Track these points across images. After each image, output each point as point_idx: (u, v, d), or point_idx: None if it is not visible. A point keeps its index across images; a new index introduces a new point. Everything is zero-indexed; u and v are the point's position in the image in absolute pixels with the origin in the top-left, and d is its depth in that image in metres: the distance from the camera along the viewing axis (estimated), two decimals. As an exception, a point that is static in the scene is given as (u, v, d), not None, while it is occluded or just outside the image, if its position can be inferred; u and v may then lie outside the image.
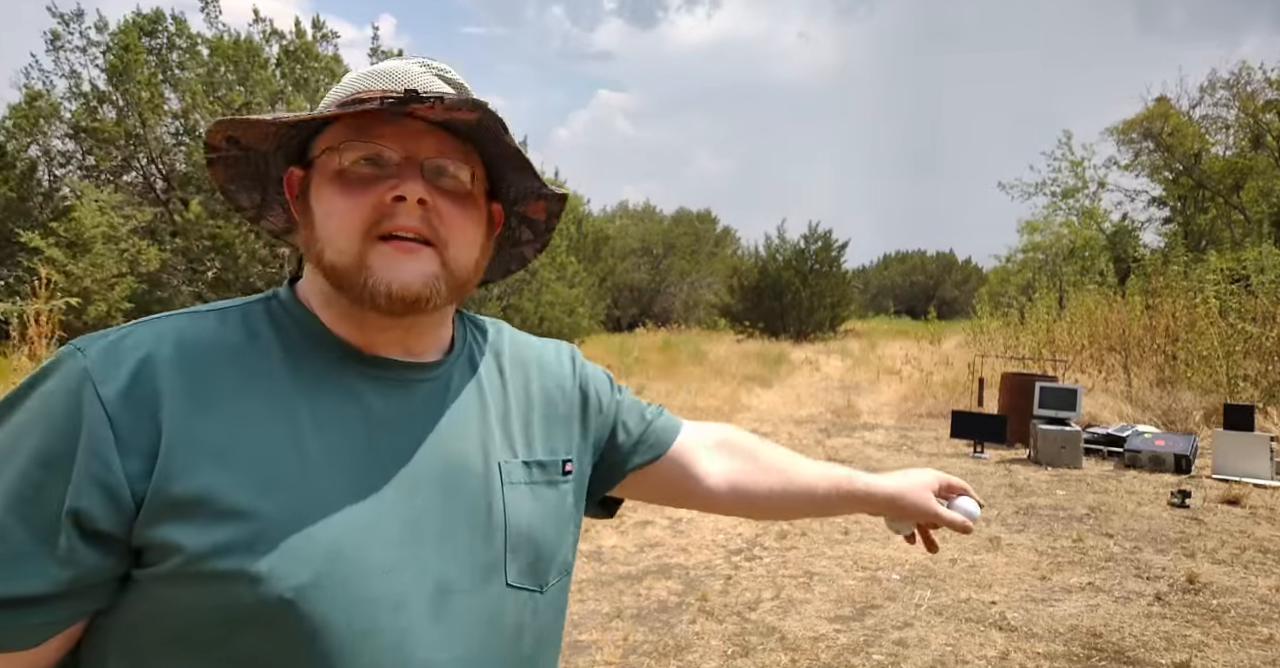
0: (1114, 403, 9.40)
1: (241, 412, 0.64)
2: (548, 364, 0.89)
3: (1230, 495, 5.70)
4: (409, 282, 0.68)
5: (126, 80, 15.36)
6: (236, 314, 0.72)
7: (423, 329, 0.77)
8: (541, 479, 0.80)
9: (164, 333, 0.67)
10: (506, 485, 0.76)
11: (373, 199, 0.68)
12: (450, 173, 0.72)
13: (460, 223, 0.72)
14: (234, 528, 0.59)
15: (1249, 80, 20.05)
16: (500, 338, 0.88)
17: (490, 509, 0.73)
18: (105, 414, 0.59)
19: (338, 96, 0.74)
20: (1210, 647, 3.33)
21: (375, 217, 0.68)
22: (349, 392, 0.70)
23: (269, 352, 0.69)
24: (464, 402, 0.77)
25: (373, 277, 0.68)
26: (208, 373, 0.65)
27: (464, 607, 0.69)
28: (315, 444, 0.66)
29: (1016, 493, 5.98)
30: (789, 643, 3.39)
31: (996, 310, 18.01)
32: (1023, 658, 3.24)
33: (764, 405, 10.97)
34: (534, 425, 0.83)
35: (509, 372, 0.84)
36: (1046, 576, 4.20)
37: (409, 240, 0.69)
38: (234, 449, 0.62)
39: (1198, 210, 21.55)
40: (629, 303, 31.70)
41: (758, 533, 4.99)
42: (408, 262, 0.69)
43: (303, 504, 0.63)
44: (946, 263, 53.45)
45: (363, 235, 0.68)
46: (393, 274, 0.68)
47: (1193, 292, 11.68)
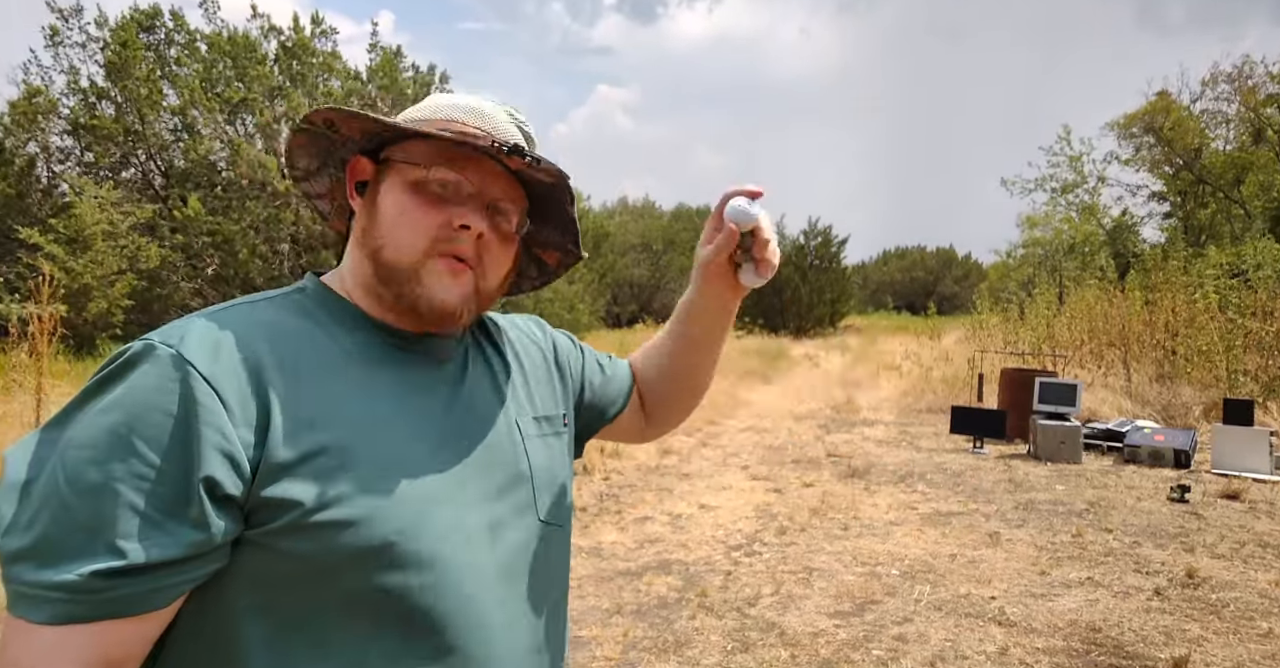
0: (1114, 398, 9.40)
1: (324, 383, 0.73)
2: (527, 332, 1.02)
3: (1230, 490, 5.70)
4: (449, 300, 0.79)
5: (125, 76, 15.33)
6: (284, 301, 0.80)
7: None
8: (550, 432, 0.93)
9: (238, 319, 0.74)
10: (526, 439, 0.88)
11: (442, 219, 0.79)
12: (506, 216, 0.83)
13: (500, 258, 0.84)
14: (339, 483, 0.68)
15: (1250, 74, 20.02)
16: (490, 315, 1.00)
17: (518, 459, 0.85)
18: (213, 390, 0.66)
19: (429, 118, 0.85)
20: (1209, 641, 3.34)
21: (440, 235, 0.78)
22: (397, 364, 0.80)
23: (327, 332, 0.78)
24: (484, 371, 0.90)
25: (422, 287, 0.78)
26: (290, 350, 0.73)
27: (511, 540, 0.81)
28: (385, 408, 0.75)
29: (1016, 488, 5.99)
30: (789, 639, 3.40)
31: (996, 306, 17.99)
32: (1022, 653, 3.25)
33: (764, 401, 10.98)
34: (531, 386, 0.95)
35: (503, 342, 0.96)
36: (1046, 571, 4.20)
37: (459, 262, 0.80)
38: (327, 415, 0.71)
39: (1198, 205, 21.52)
40: (628, 299, 31.69)
41: (757, 529, 5.00)
42: (453, 282, 0.80)
43: (390, 459, 0.72)
44: (946, 258, 53.40)
45: (426, 247, 0.78)
46: (440, 292, 0.79)
47: (1192, 287, 11.67)
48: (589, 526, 5.07)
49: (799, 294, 25.31)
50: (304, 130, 0.85)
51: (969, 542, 4.71)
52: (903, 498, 5.74)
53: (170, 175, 16.70)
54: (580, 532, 4.92)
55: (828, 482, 6.25)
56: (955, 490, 5.95)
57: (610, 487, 6.07)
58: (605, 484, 6.14)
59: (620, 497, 5.78)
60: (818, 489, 6.00)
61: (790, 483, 6.23)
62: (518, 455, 0.85)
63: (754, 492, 5.97)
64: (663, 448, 7.47)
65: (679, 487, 6.10)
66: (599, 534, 4.89)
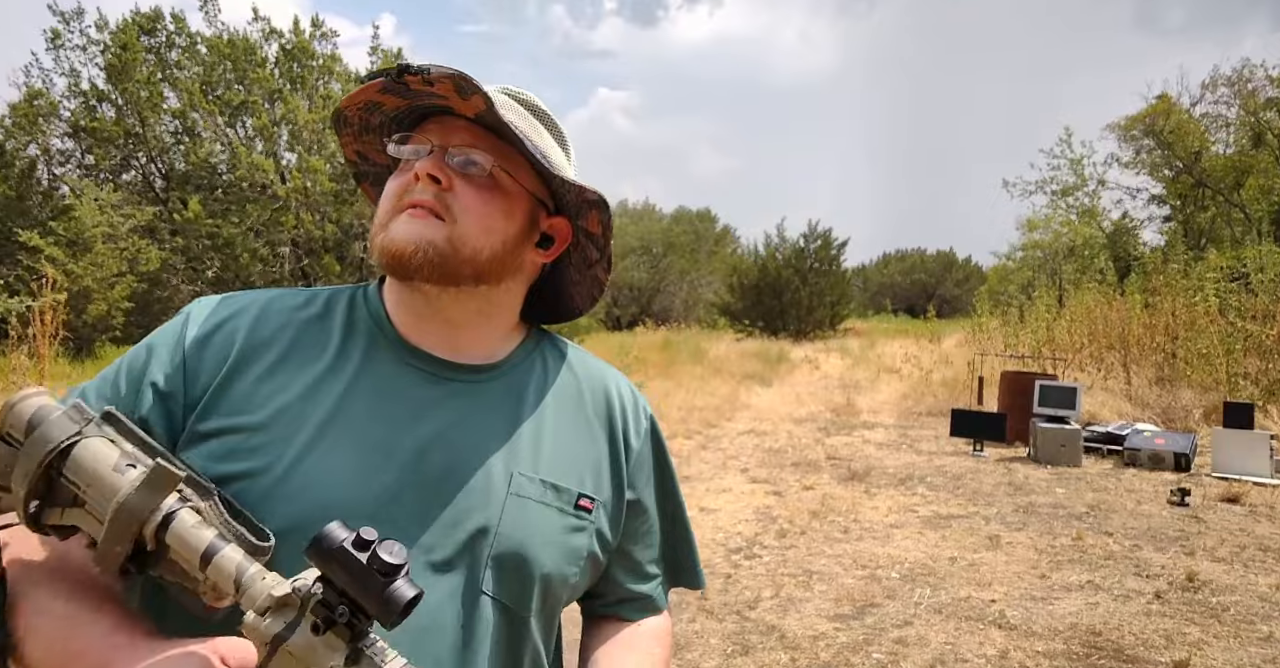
0: (1114, 401, 9.40)
1: (292, 374, 0.74)
2: (618, 414, 0.89)
3: (1230, 493, 5.70)
4: (404, 239, 0.74)
5: (126, 79, 15.35)
6: (324, 296, 0.83)
7: (465, 323, 0.81)
8: (552, 502, 0.79)
9: (254, 301, 0.80)
10: (511, 496, 0.76)
11: (405, 180, 0.77)
12: (473, 159, 0.77)
13: (476, 205, 0.76)
14: (237, 463, 0.69)
15: (1250, 78, 20.04)
16: (574, 359, 0.91)
17: (487, 508, 0.74)
18: (184, 349, 0.74)
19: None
20: (1210, 645, 3.33)
21: (401, 192, 0.77)
22: (387, 377, 0.77)
23: (330, 332, 0.79)
24: (500, 408, 0.81)
25: (385, 235, 0.76)
26: (272, 338, 0.76)
27: (436, 591, 0.70)
28: (339, 414, 0.73)
29: (1016, 491, 5.98)
30: (789, 642, 3.40)
31: (996, 309, 18.00)
32: (1022, 657, 3.24)
33: (763, 404, 10.98)
34: (570, 455, 0.82)
35: (561, 392, 0.86)
36: (1046, 574, 4.20)
37: (417, 209, 0.76)
38: (269, 401, 0.72)
39: (1198, 208, 21.53)
40: (629, 302, 31.70)
41: (757, 532, 5.00)
42: (410, 224, 0.75)
43: (301, 463, 0.70)
44: (946, 261, 53.41)
45: (391, 209, 0.77)
46: (396, 232, 0.75)
47: (1192, 290, 11.67)
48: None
49: (799, 297, 25.30)
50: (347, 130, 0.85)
51: (969, 545, 4.70)
52: (903, 501, 5.74)
53: (170, 178, 16.71)
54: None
55: (828, 485, 6.25)
56: (955, 493, 5.94)
57: (610, 490, 6.06)
58: (605, 487, 6.13)
59: (620, 500, 5.77)
60: (818, 492, 6.00)
61: (790, 486, 6.22)
62: (489, 504, 0.74)
63: (754, 495, 5.96)
64: (662, 451, 7.45)
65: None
66: (599, 537, 4.88)
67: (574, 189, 0.81)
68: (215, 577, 0.56)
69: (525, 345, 0.87)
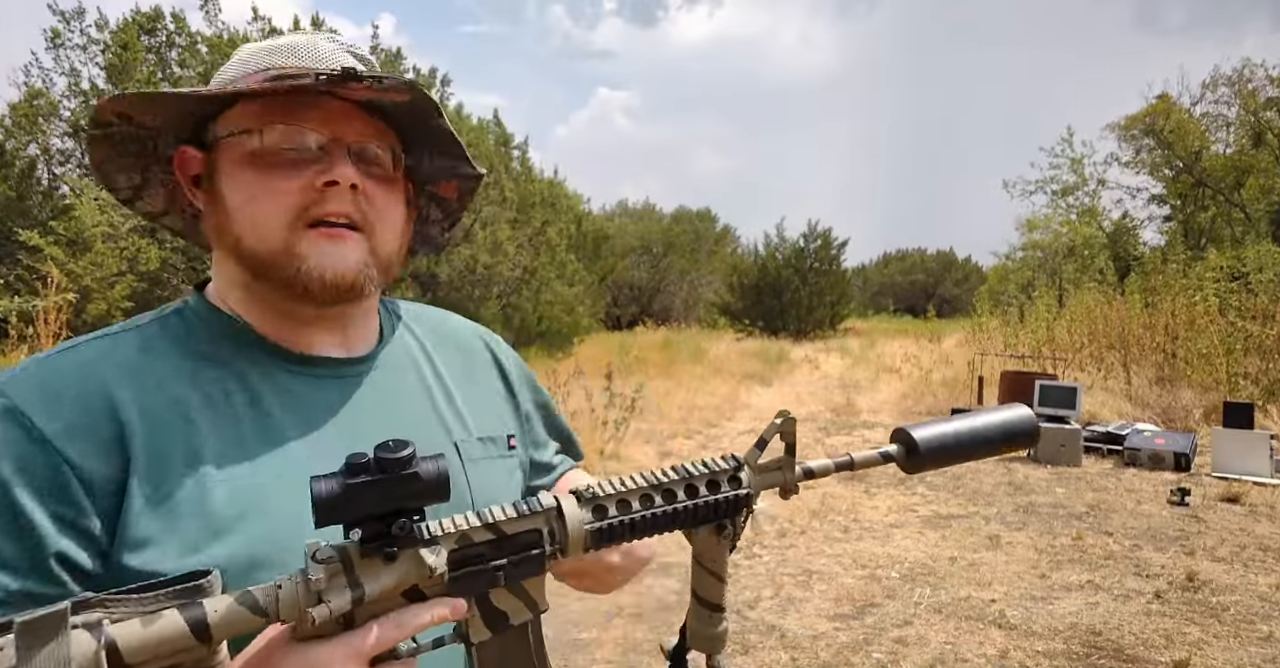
0: (1113, 401, 9.40)
1: (201, 433, 0.64)
2: (464, 341, 0.89)
3: (1230, 493, 5.69)
4: (343, 270, 0.68)
5: (126, 79, 15.35)
6: (158, 329, 0.70)
7: (356, 320, 0.77)
8: (495, 454, 0.81)
9: (94, 360, 0.64)
10: (468, 463, 0.77)
11: (301, 183, 0.67)
12: (375, 156, 0.71)
13: (386, 207, 0.72)
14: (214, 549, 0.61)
15: (1251, 78, 20.04)
16: (418, 318, 0.87)
17: (456, 489, 0.70)
18: (56, 451, 0.59)
19: (243, 72, 0.70)
20: (1210, 645, 3.33)
21: (304, 202, 0.67)
22: (295, 392, 0.70)
23: (207, 364, 0.68)
24: (409, 388, 0.78)
25: (305, 264, 0.67)
26: (158, 397, 0.64)
27: None
28: (281, 453, 0.66)
29: (1016, 491, 5.98)
30: (789, 641, 3.40)
31: (996, 309, 18.00)
32: (1022, 656, 3.24)
33: (763, 404, 10.98)
34: (474, 402, 0.83)
35: (434, 351, 0.84)
36: (1046, 574, 4.20)
37: (339, 226, 0.68)
38: (203, 473, 0.63)
39: (1198, 208, 21.52)
40: (629, 301, 31.69)
41: (757, 532, 5.00)
42: (339, 249, 0.68)
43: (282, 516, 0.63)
44: (946, 261, 53.39)
45: (290, 222, 0.67)
46: (327, 262, 0.67)
47: (1192, 290, 11.67)
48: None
49: (799, 296, 25.29)
50: (100, 137, 0.70)
51: (969, 545, 4.70)
52: (903, 501, 5.74)
53: (171, 177, 16.73)
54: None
55: (827, 484, 6.25)
56: (955, 493, 5.94)
57: (610, 489, 6.06)
58: (605, 487, 6.14)
59: (620, 499, 5.78)
60: (817, 492, 6.00)
61: (790, 486, 6.22)
62: (457, 484, 0.72)
63: (754, 494, 5.96)
64: (662, 450, 7.46)
65: (679, 489, 6.09)
66: (599, 537, 4.89)
67: (461, 166, 0.80)
68: (228, 632, 0.50)
69: (385, 319, 0.83)
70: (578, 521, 0.59)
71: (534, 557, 0.58)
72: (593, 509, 0.60)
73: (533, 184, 16.91)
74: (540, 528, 0.58)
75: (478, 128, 16.59)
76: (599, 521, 0.59)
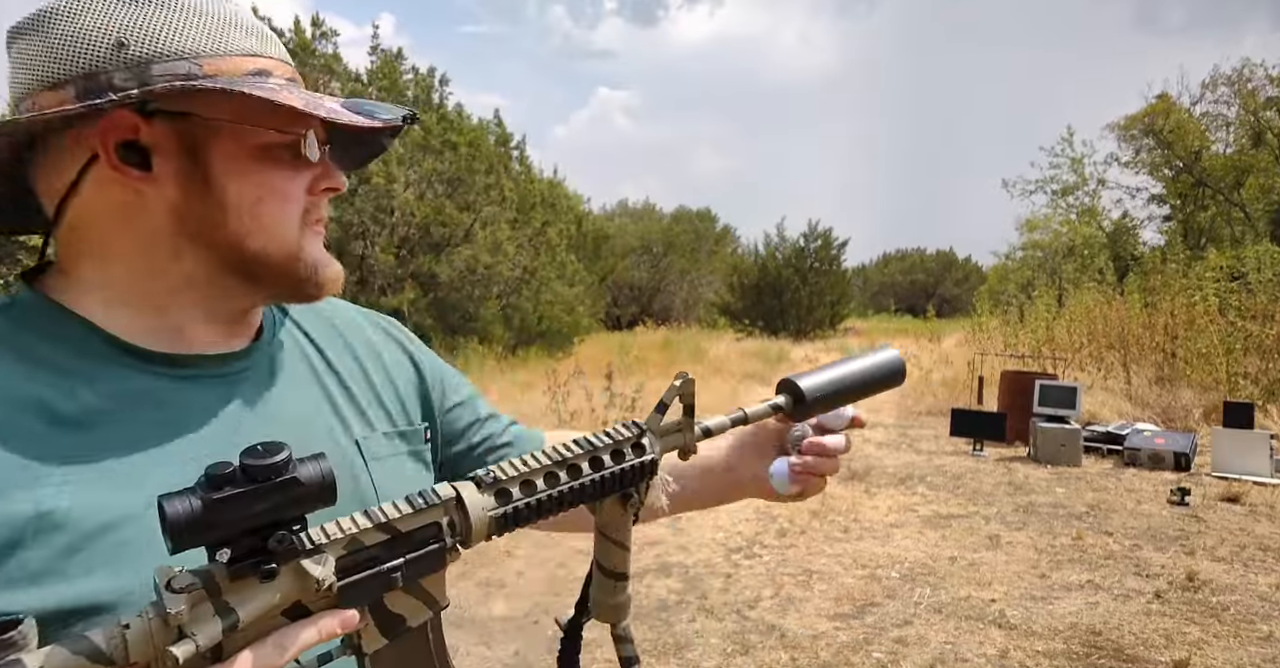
0: (1113, 401, 9.40)
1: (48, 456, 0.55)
2: (361, 331, 0.83)
3: (1230, 493, 5.70)
4: (336, 270, 0.70)
5: (126, 78, 15.33)
6: None
7: (250, 317, 0.72)
8: (404, 449, 0.77)
9: None
10: (371, 461, 0.72)
11: (303, 186, 0.67)
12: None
13: None
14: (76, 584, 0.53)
15: (1250, 77, 20.05)
16: (304, 310, 0.80)
17: (358, 490, 0.69)
18: None
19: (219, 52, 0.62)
20: (1210, 644, 3.34)
21: (307, 206, 0.67)
22: (159, 402, 0.62)
23: (50, 374, 0.59)
24: (298, 383, 0.72)
25: (307, 266, 0.67)
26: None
27: None
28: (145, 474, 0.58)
29: (1016, 491, 5.98)
30: (789, 641, 3.40)
31: (996, 309, 18.01)
32: (1022, 656, 3.24)
33: (764, 404, 10.97)
34: (376, 395, 0.78)
35: (326, 343, 0.78)
36: (1046, 574, 4.20)
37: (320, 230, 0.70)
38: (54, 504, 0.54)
39: (1198, 208, 21.54)
40: (629, 301, 31.69)
41: (757, 532, 5.00)
42: (326, 252, 0.70)
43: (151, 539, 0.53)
44: (946, 261, 53.41)
45: (300, 225, 0.67)
46: (325, 260, 0.69)
47: (1191, 290, 11.68)
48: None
49: (799, 296, 25.30)
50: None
51: (969, 544, 4.71)
52: (903, 500, 5.74)
53: (171, 177, 16.72)
54: (581, 533, 4.91)
55: (828, 485, 6.25)
56: (955, 493, 5.94)
57: (610, 489, 6.06)
58: (605, 487, 6.14)
59: (620, 499, 5.78)
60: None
61: (790, 485, 6.22)
62: (358, 484, 0.69)
63: (754, 494, 5.96)
64: (663, 450, 7.46)
65: (679, 489, 6.09)
66: (599, 537, 4.89)
67: None
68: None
69: (267, 312, 0.77)
70: (480, 508, 0.55)
71: (433, 553, 0.54)
72: (495, 494, 0.56)
73: (533, 184, 16.93)
74: (439, 521, 0.54)
75: (478, 128, 16.58)
76: (503, 505, 0.56)
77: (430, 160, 14.15)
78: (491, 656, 3.31)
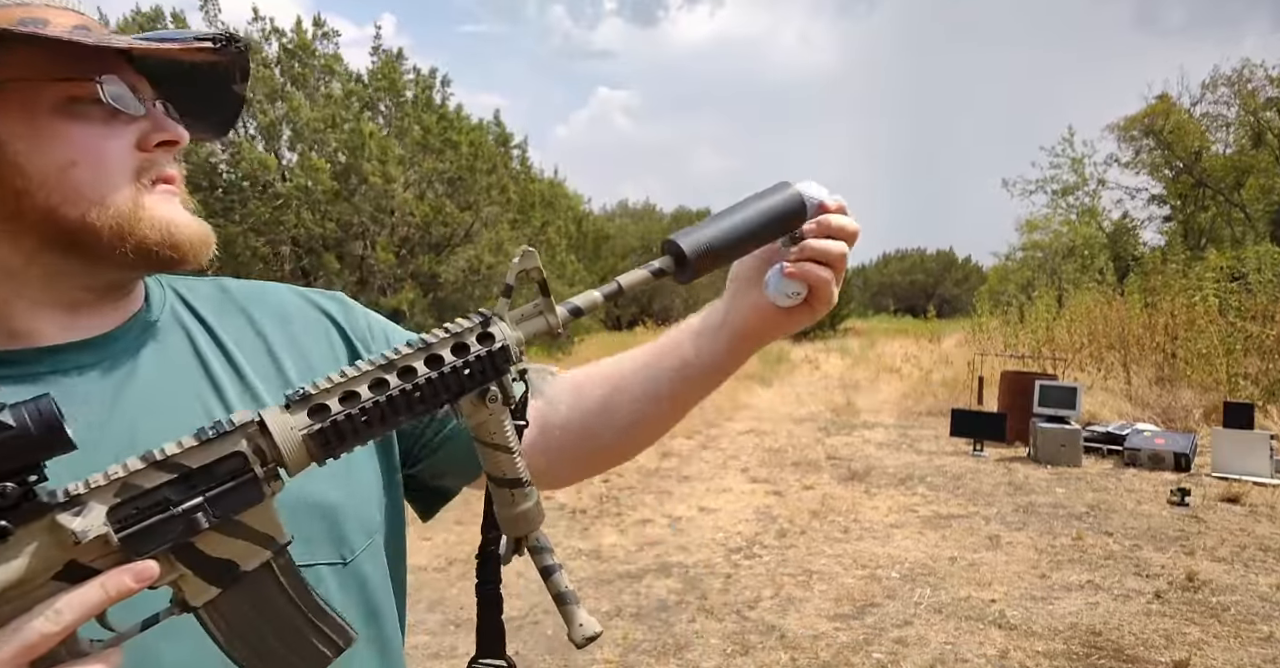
0: (1113, 401, 9.40)
1: None
2: (274, 306, 0.75)
3: (1230, 493, 5.70)
4: (194, 228, 0.61)
5: (126, 78, 15.35)
6: None
7: (117, 297, 0.65)
8: None
9: None
10: None
11: (130, 139, 0.60)
12: (172, 113, 0.64)
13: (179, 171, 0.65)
14: None
15: (1250, 78, 20.05)
16: (194, 289, 0.73)
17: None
18: None
19: None
20: (1210, 645, 3.34)
21: (138, 165, 0.60)
22: None
23: None
24: (168, 365, 0.64)
25: (166, 228, 0.60)
26: None
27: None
28: None
29: (1016, 491, 5.98)
30: (789, 641, 3.40)
31: (996, 309, 18.00)
32: (1022, 656, 3.24)
33: (763, 404, 10.98)
34: (286, 374, 0.69)
35: (217, 321, 0.70)
36: (1046, 574, 4.20)
37: (173, 188, 0.62)
38: None
39: (1198, 208, 21.54)
40: (628, 302, 31.69)
41: (757, 532, 5.00)
42: (184, 210, 0.62)
43: None
44: (946, 261, 53.42)
45: (133, 186, 0.60)
46: (190, 224, 0.61)
47: (1191, 290, 11.68)
48: (589, 528, 5.06)
49: (799, 297, 25.29)
50: None
51: (969, 545, 4.71)
52: (903, 501, 5.74)
53: (171, 177, 16.72)
54: (580, 534, 4.91)
55: (828, 484, 6.25)
56: (955, 493, 5.94)
57: (610, 489, 6.06)
58: (605, 487, 6.14)
59: (620, 499, 5.77)
60: (818, 492, 6.00)
61: (790, 486, 6.22)
62: None
63: (754, 494, 5.96)
64: (662, 451, 7.46)
65: (679, 489, 6.09)
66: (599, 537, 4.88)
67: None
68: None
69: (155, 290, 0.70)
70: (288, 427, 0.48)
71: (243, 486, 0.47)
72: (309, 411, 0.49)
73: (533, 184, 16.95)
74: (239, 449, 0.47)
75: (478, 128, 16.60)
76: (320, 421, 0.49)
77: (430, 160, 14.17)
78: (491, 656, 3.31)
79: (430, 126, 14.31)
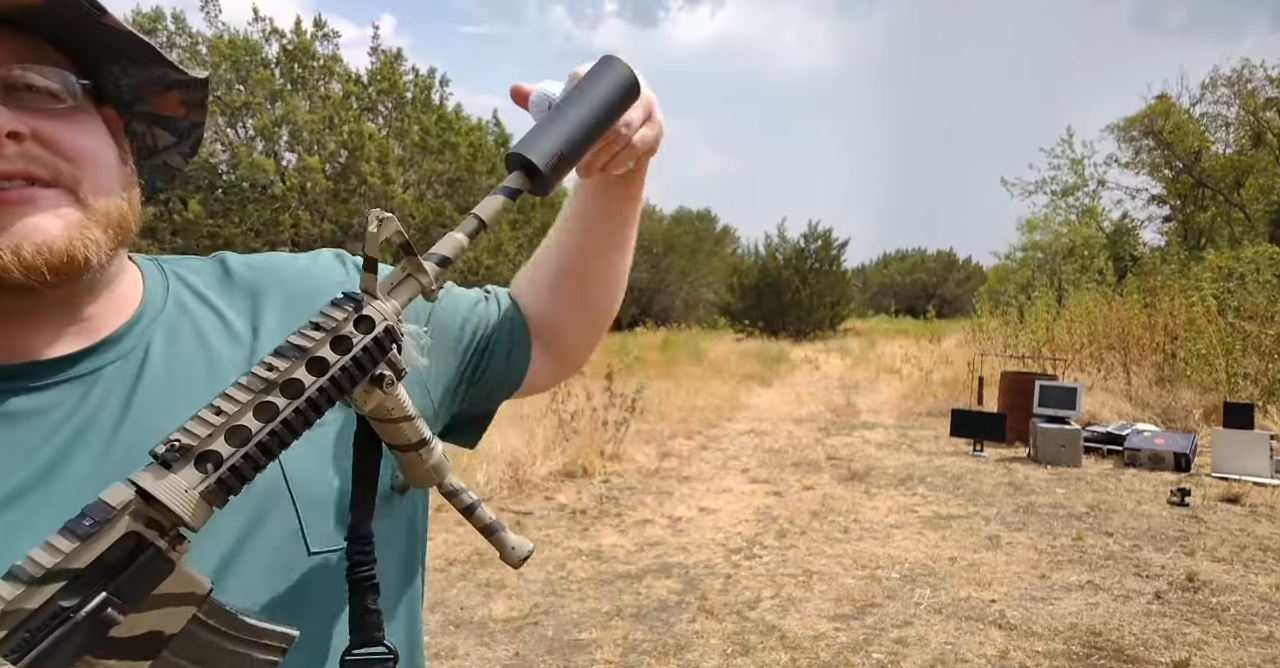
0: (1113, 401, 9.40)
1: None
2: (292, 276, 0.69)
3: (1230, 494, 5.70)
4: (47, 239, 0.51)
5: (126, 79, 15.34)
6: None
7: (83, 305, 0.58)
8: (331, 422, 0.63)
9: None
10: None
11: None
12: (41, 86, 0.53)
13: (81, 146, 0.54)
14: None
15: (1250, 78, 20.06)
16: (199, 269, 0.68)
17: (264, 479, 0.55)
18: None
19: None
20: (1210, 645, 3.33)
21: None
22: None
23: None
24: (176, 368, 0.60)
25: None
26: None
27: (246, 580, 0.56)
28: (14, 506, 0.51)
29: (1016, 491, 5.98)
30: (789, 642, 3.40)
31: (996, 309, 18.02)
32: (1022, 657, 3.24)
33: (763, 404, 10.98)
34: None
35: (220, 300, 0.65)
36: (1046, 574, 4.20)
37: (14, 189, 0.51)
38: None
39: (1198, 208, 21.55)
40: (628, 302, 31.69)
41: (757, 532, 5.00)
42: (29, 214, 0.51)
43: None
44: (947, 261, 53.44)
45: None
46: (18, 236, 0.51)
47: (1191, 290, 11.68)
48: (589, 528, 5.06)
49: (799, 297, 25.32)
50: None
51: (969, 545, 4.71)
52: (903, 501, 5.74)
53: (171, 178, 16.72)
54: (580, 534, 4.91)
55: (828, 485, 6.25)
56: (955, 494, 5.94)
57: (610, 489, 6.06)
58: (605, 487, 6.14)
59: (620, 500, 5.77)
60: (818, 492, 6.00)
61: (790, 486, 6.22)
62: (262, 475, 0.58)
63: (754, 495, 5.96)
64: (662, 451, 7.46)
65: (679, 490, 6.10)
66: (598, 537, 4.88)
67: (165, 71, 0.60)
68: None
69: (156, 280, 0.65)
70: (180, 489, 0.43)
71: (148, 562, 0.43)
72: (195, 462, 0.44)
73: (532, 184, 16.93)
74: (132, 529, 0.42)
75: (477, 128, 16.60)
76: (213, 473, 0.44)
77: (429, 161, 14.16)
78: (492, 656, 3.31)
79: (429, 127, 14.31)
